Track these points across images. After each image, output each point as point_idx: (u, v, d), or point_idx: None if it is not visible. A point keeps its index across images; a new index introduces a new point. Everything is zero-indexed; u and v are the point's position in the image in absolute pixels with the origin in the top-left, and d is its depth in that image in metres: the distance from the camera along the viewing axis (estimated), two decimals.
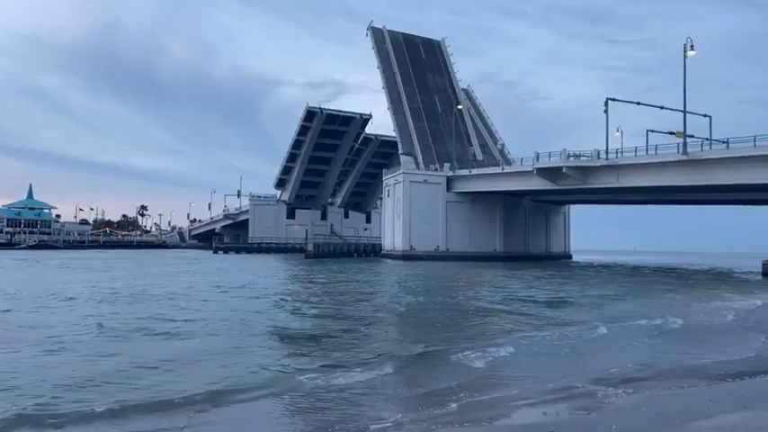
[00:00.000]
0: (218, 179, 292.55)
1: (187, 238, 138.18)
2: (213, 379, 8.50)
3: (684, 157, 47.32)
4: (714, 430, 5.52)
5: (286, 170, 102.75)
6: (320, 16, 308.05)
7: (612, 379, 8.65)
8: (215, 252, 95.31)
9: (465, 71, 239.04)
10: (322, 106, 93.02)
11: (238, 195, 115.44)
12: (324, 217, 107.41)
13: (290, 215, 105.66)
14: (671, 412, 6.31)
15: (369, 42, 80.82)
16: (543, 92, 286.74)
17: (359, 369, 9.23)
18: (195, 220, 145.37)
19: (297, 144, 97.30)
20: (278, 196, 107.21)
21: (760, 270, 46.25)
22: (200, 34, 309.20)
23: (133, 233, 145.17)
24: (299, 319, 15.97)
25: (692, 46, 46.84)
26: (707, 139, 51.67)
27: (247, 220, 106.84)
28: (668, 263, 72.86)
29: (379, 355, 10.58)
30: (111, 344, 11.53)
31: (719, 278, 43.39)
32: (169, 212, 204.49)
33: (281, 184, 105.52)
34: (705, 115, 55.26)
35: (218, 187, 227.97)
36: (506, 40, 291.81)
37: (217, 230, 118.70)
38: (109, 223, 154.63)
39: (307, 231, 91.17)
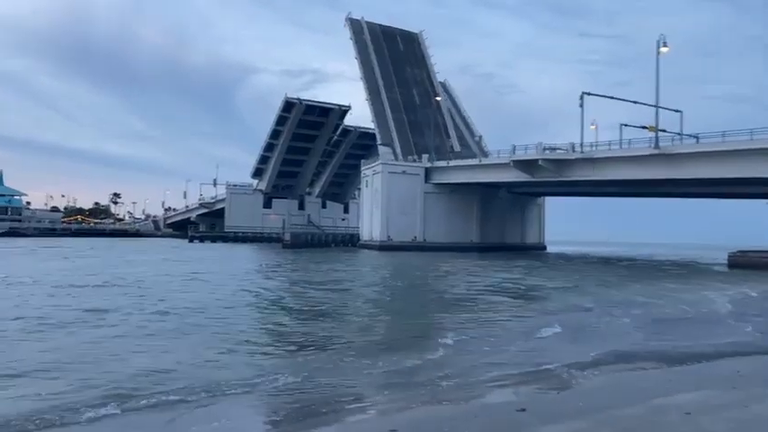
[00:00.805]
0: (193, 167, 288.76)
1: (162, 226, 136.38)
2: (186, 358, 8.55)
3: (656, 152, 48.34)
4: (670, 407, 5.84)
5: (263, 159, 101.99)
6: (298, 4, 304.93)
7: (584, 362, 8.97)
8: (190, 241, 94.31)
9: (443, 62, 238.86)
10: (300, 97, 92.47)
11: (214, 184, 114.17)
12: (301, 207, 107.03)
13: (267, 204, 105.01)
14: (633, 391, 6.65)
15: (347, 33, 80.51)
16: (520, 84, 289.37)
17: (332, 354, 9.38)
18: (170, 208, 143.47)
19: (274, 134, 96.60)
20: (255, 185, 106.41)
21: (726, 262, 47.52)
22: (175, 19, 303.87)
23: (106, 221, 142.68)
24: (271, 308, 16.04)
25: (664, 42, 47.69)
26: (678, 133, 52.93)
27: (223, 209, 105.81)
28: (640, 254, 74.44)
29: (351, 342, 10.76)
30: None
31: (687, 269, 44.55)
32: (143, 201, 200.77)
33: (258, 173, 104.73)
34: (676, 110, 56.51)
35: (193, 176, 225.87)
36: (484, 32, 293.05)
37: (192, 219, 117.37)
38: (81, 211, 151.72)
39: (284, 221, 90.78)
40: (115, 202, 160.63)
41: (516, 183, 64.56)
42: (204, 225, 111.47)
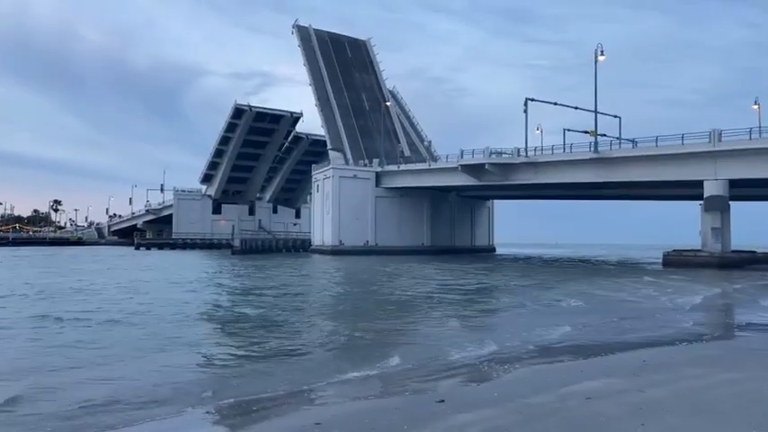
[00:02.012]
0: (139, 172, 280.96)
1: (106, 234, 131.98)
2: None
3: (596, 156, 50.42)
4: (575, 394, 6.34)
5: (212, 165, 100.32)
6: (247, 6, 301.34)
7: (509, 356, 9.48)
8: (137, 248, 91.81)
9: (394, 66, 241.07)
10: (251, 102, 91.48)
11: (161, 190, 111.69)
12: (251, 212, 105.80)
13: (217, 210, 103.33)
14: (546, 381, 7.14)
15: (295, 39, 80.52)
16: (470, 89, 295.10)
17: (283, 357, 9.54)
18: (115, 215, 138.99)
19: (224, 140, 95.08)
20: (203, 191, 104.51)
21: (661, 261, 49.82)
22: (118, 19, 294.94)
23: (45, 229, 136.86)
24: (214, 314, 16.00)
25: (602, 51, 49.88)
26: (617, 138, 55.37)
27: (171, 215, 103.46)
28: (584, 255, 77.16)
29: (287, 346, 10.95)
30: None
31: (625, 268, 46.54)
32: (86, 207, 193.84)
33: (207, 179, 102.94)
34: (615, 116, 59.21)
35: (139, 181, 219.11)
36: (434, 37, 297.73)
37: (138, 226, 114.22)
38: (18, 219, 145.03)
39: (234, 227, 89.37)
40: (56, 210, 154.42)
41: (465, 186, 65.98)
42: (151, 232, 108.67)
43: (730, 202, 46.06)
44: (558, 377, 7.39)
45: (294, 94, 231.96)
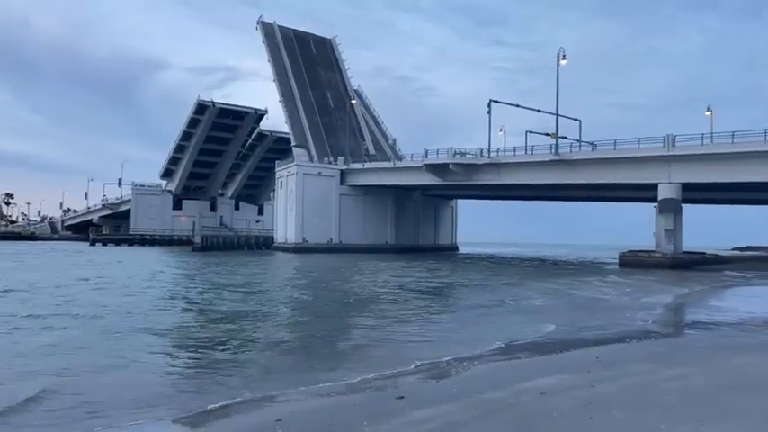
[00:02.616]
0: (96, 167, 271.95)
1: (60, 229, 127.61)
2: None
3: (556, 158, 51.56)
4: (529, 389, 6.57)
5: (173, 161, 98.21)
6: None
7: (469, 355, 9.68)
8: (92, 244, 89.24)
9: (361, 64, 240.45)
10: (214, 98, 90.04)
11: (119, 184, 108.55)
12: (213, 208, 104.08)
13: (177, 206, 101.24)
14: (503, 378, 7.35)
15: (259, 36, 79.67)
16: (436, 88, 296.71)
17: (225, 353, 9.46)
18: (69, 209, 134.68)
19: (185, 136, 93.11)
20: (164, 186, 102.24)
21: (617, 261, 51.30)
22: (74, 8, 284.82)
23: None
24: (170, 313, 15.72)
25: (564, 55, 51.08)
26: (577, 140, 56.79)
27: (129, 210, 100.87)
28: (545, 254, 78.82)
29: (246, 343, 10.90)
30: None
31: (584, 268, 47.78)
32: (39, 201, 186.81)
33: (167, 174, 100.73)
34: (575, 119, 60.68)
35: (96, 175, 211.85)
36: (401, 35, 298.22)
37: (94, 221, 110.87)
38: None
39: (194, 223, 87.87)
40: (7, 203, 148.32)
41: (429, 186, 66.54)
42: (108, 227, 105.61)
43: (683, 205, 47.79)
44: (515, 374, 7.63)
45: (259, 89, 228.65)
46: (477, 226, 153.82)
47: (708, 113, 53.86)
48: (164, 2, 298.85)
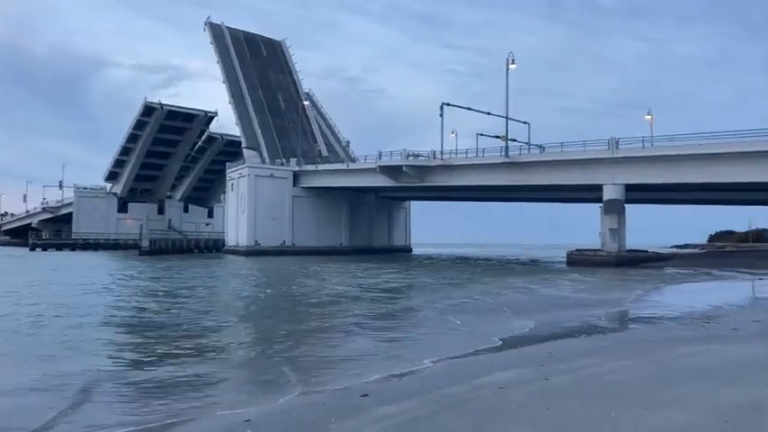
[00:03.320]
0: (35, 168, 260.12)
1: None
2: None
3: (506, 160, 52.83)
4: (488, 384, 6.84)
5: (119, 163, 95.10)
6: None
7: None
8: (32, 249, 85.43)
9: (311, 65, 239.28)
10: (162, 99, 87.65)
11: (60, 186, 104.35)
12: (161, 211, 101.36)
13: (123, 209, 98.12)
14: (463, 373, 7.61)
15: (207, 37, 78.43)
16: (387, 90, 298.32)
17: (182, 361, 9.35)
18: (6, 213, 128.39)
19: (132, 138, 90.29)
20: (108, 189, 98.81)
21: (565, 260, 52.96)
22: (13, 4, 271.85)
23: None
24: (112, 320, 15.32)
25: (513, 60, 52.43)
26: (526, 143, 58.43)
27: (71, 213, 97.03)
28: (498, 254, 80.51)
29: (199, 349, 10.80)
30: None
31: (534, 267, 49.13)
32: None
33: (112, 176, 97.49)
34: (524, 122, 62.51)
35: (35, 177, 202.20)
36: (351, 37, 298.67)
37: (34, 225, 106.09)
38: None
39: (141, 226, 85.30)
40: None
41: (383, 187, 66.91)
42: (48, 232, 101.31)
43: (626, 205, 49.81)
44: (475, 369, 7.90)
45: (207, 89, 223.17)
46: (432, 227, 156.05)
47: (648, 117, 56.39)
48: None
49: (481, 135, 60.03)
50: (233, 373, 8.97)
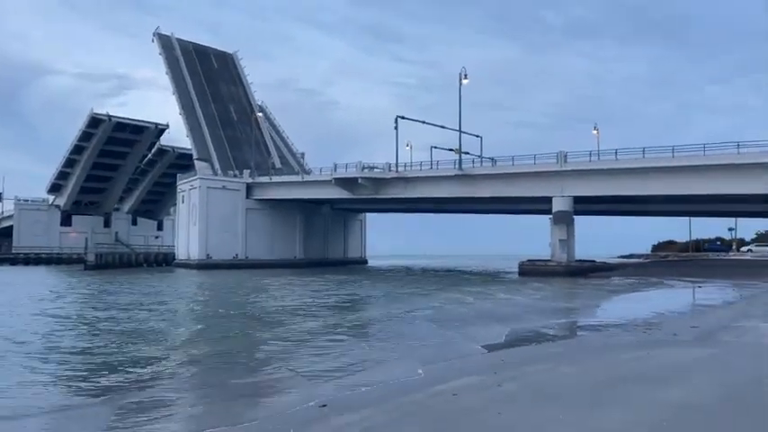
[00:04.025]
0: None
1: None
2: None
3: (460, 173, 53.81)
4: (444, 391, 7.05)
5: (62, 175, 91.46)
6: (101, 2, 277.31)
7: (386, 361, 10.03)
8: None
9: (264, 76, 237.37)
10: (109, 108, 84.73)
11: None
12: (107, 224, 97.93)
13: (66, 222, 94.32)
14: (419, 382, 7.78)
15: (156, 48, 77.07)
16: (341, 102, 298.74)
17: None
18: None
19: (77, 149, 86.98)
20: (51, 201, 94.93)
21: (517, 270, 54.17)
22: None
23: None
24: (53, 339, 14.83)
25: (465, 75, 53.66)
26: (479, 156, 59.74)
27: (11, 227, 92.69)
28: (453, 265, 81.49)
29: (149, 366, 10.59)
30: None
31: (488, 277, 50.01)
32: None
33: (55, 188, 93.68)
34: (477, 135, 63.97)
35: None
36: (304, 48, 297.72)
37: None
38: None
39: (86, 240, 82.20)
40: None
41: (338, 200, 66.90)
42: None
43: (575, 217, 51.49)
44: (430, 378, 8.07)
45: (156, 98, 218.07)
46: (387, 239, 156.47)
47: (594, 132, 58.69)
48: (47, 3, 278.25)
49: (435, 148, 61.03)
50: (189, 395, 8.84)
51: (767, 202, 51.29)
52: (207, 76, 77.98)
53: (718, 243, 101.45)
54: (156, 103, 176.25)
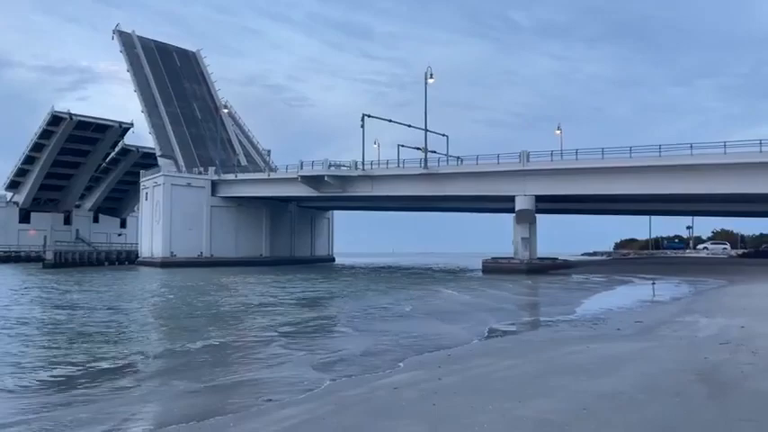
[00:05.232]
0: None
1: None
2: None
3: (425, 171, 54.41)
4: (385, 386, 7.36)
5: (21, 172, 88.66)
6: None
7: (335, 359, 10.29)
8: None
9: (232, 71, 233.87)
10: (69, 103, 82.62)
11: None
12: (68, 221, 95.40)
13: (25, 219, 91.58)
14: (363, 378, 8.06)
15: (116, 45, 75.69)
16: (309, 98, 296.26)
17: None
18: None
19: (37, 147, 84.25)
20: (9, 198, 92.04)
21: (481, 267, 55.10)
22: None
23: None
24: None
25: (431, 75, 54.24)
26: (445, 155, 60.48)
27: None
28: (419, 263, 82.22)
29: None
30: None
31: (452, 275, 50.73)
32: None
33: (13, 185, 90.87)
34: (443, 134, 64.80)
35: None
36: (272, 44, 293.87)
37: None
38: None
39: (45, 238, 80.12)
40: None
41: (305, 197, 66.83)
42: None
43: (539, 215, 52.61)
44: (374, 374, 8.37)
45: (119, 92, 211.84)
46: (355, 237, 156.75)
47: (557, 132, 59.90)
48: None
49: (402, 146, 61.48)
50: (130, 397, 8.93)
51: (721, 202, 53.37)
52: (170, 73, 76.80)
53: (677, 241, 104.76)
54: (119, 96, 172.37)
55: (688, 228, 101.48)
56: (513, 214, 52.14)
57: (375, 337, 13.32)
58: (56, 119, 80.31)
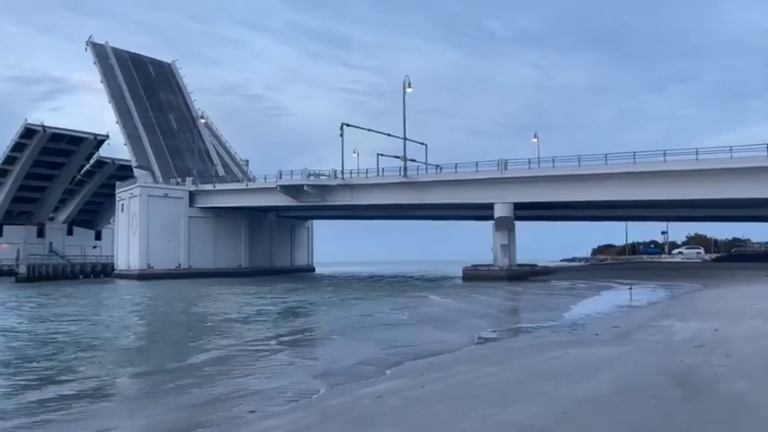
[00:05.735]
0: None
1: None
2: None
3: (405, 180, 54.68)
4: (369, 394, 7.41)
5: None
6: (35, 3, 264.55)
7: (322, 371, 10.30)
8: None
9: (210, 81, 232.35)
10: (45, 122, 79.22)
11: None
12: (41, 234, 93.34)
13: None
14: (348, 387, 8.09)
15: (90, 56, 74.95)
16: (288, 108, 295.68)
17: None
18: None
19: (9, 159, 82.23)
20: None
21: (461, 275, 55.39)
22: None
23: None
24: None
25: (409, 83, 54.66)
26: (424, 163, 60.84)
27: None
28: (400, 271, 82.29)
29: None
30: None
31: (433, 283, 50.93)
32: None
33: None
34: (422, 143, 65.15)
35: None
36: (250, 53, 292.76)
37: None
38: None
39: (18, 251, 78.40)
40: None
41: (284, 207, 66.56)
42: None
43: (517, 222, 53.13)
44: (357, 383, 8.40)
45: (93, 102, 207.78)
46: (335, 246, 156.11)
47: (534, 140, 60.72)
48: None
49: (381, 155, 61.69)
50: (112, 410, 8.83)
51: (695, 207, 54.53)
52: (144, 84, 76.21)
53: (653, 246, 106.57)
54: (93, 107, 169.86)
55: (663, 233, 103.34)
56: (492, 222, 52.60)
57: (359, 343, 13.33)
58: (29, 131, 78.50)
